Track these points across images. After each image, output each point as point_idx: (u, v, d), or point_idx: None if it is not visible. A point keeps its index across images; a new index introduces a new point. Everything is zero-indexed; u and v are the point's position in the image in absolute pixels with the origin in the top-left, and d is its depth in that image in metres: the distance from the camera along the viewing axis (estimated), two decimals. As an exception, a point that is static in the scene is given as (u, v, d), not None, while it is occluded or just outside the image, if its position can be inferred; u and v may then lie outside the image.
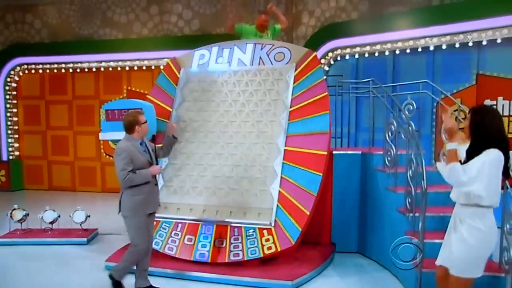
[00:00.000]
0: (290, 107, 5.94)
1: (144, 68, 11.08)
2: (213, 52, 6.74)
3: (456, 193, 3.50)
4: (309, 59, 6.17)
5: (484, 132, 3.31)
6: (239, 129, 6.11)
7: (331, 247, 6.33)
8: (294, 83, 6.08)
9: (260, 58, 6.45)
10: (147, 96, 6.85)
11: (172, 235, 5.72)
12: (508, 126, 7.69)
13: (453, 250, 3.41)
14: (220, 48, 6.76)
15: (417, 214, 4.78)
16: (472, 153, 3.32)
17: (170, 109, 6.54)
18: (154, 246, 5.71)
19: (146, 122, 4.71)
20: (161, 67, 9.82)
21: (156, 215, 5.87)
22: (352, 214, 6.44)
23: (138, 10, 11.22)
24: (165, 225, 5.84)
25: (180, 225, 5.78)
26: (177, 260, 5.53)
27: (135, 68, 11.12)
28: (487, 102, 7.87)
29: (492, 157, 3.22)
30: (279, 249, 5.30)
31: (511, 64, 7.66)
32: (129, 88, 11.34)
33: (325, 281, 5.37)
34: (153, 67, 10.98)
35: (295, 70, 6.15)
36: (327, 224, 6.47)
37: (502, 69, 7.76)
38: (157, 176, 4.84)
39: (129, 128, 4.65)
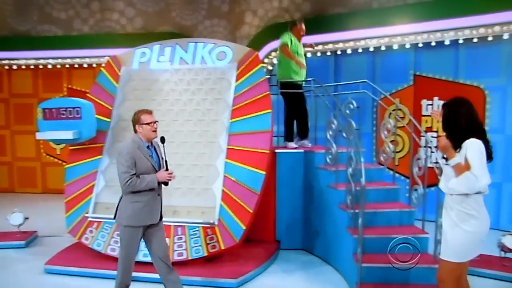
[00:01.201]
0: (232, 106, 6.00)
1: (85, 66, 10.80)
2: (154, 51, 6.70)
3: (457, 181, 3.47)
4: (251, 58, 6.25)
5: (454, 124, 3.40)
6: (181, 128, 6.11)
7: (276, 244, 6.43)
8: (236, 82, 6.14)
9: (202, 57, 6.47)
10: (87, 94, 6.72)
11: (114, 235, 5.64)
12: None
13: (447, 238, 3.44)
14: (162, 46, 6.72)
15: (357, 211, 4.92)
16: (453, 146, 3.39)
17: (111, 108, 6.44)
18: (95, 247, 5.67)
19: (152, 123, 4.17)
20: (103, 65, 9.62)
21: (98, 215, 5.82)
22: (296, 211, 6.57)
23: (79, 7, 10.92)
24: (107, 226, 5.75)
25: (122, 225, 5.71)
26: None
27: (76, 66, 10.82)
28: (424, 102, 8.25)
29: (476, 148, 3.28)
30: (223, 248, 5.35)
31: (445, 66, 8.07)
32: (69, 86, 11.03)
33: (270, 278, 5.46)
34: (94, 65, 10.72)
35: (237, 69, 6.22)
36: (271, 222, 6.57)
37: (437, 70, 8.16)
38: (162, 185, 4.27)
39: (133, 127, 4.22)
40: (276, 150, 6.54)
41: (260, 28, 9.96)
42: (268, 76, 8.35)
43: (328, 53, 9.16)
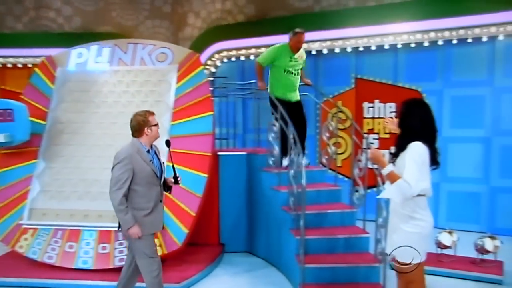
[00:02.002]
0: (173, 109, 5.98)
1: (19, 66, 10.37)
2: (91, 51, 6.56)
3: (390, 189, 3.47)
4: (192, 60, 6.26)
5: (408, 124, 3.39)
6: (121, 131, 5.95)
7: (220, 247, 6.45)
8: (176, 84, 6.13)
9: (142, 58, 6.41)
10: (20, 96, 6.47)
11: (52, 242, 5.49)
12: (384, 128, 8.38)
13: (394, 240, 3.46)
14: (100, 47, 6.59)
15: (299, 212, 5.00)
16: (399, 144, 3.43)
17: (46, 110, 6.25)
18: (31, 255, 5.50)
19: (157, 124, 4.08)
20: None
21: (33, 222, 5.66)
22: (240, 214, 6.61)
23: (11, 3, 10.49)
24: (43, 233, 5.58)
25: (60, 232, 5.56)
26: (58, 269, 5.34)
27: (9, 65, 10.37)
28: (365, 104, 8.52)
29: (415, 153, 3.28)
30: (165, 252, 5.30)
31: (385, 69, 8.38)
32: (2, 87, 10.56)
33: (214, 281, 5.48)
34: (30, 66, 10.31)
35: (178, 71, 6.20)
36: (215, 225, 6.59)
37: (377, 73, 8.46)
38: (163, 193, 4.21)
39: (137, 130, 3.97)
40: (219, 153, 6.56)
41: (203, 29, 9.97)
42: (211, 79, 8.45)
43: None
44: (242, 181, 6.59)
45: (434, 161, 3.41)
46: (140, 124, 3.96)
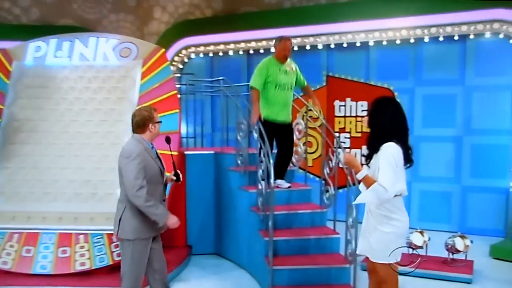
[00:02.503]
0: (137, 106, 5.90)
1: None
2: (50, 45, 6.48)
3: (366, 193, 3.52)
4: (157, 55, 6.26)
5: (378, 122, 3.44)
6: (82, 129, 5.97)
7: (187, 249, 6.46)
8: (141, 80, 6.12)
9: (104, 53, 6.37)
10: (-28, 92, 6.35)
11: (7, 247, 5.39)
12: (356, 126, 8.55)
13: (370, 241, 3.51)
14: (59, 40, 6.52)
15: (268, 213, 5.05)
16: (371, 145, 3.48)
17: (1, 107, 6.14)
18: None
19: (160, 122, 4.06)
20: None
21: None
22: (208, 215, 6.64)
23: (-40, -9, 10.26)
24: (-4, 237, 5.48)
25: (16, 235, 5.46)
26: (14, 275, 5.25)
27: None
28: (337, 103, 8.66)
29: (388, 155, 3.31)
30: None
31: (356, 67, 8.56)
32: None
33: (181, 285, 5.50)
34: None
35: (142, 67, 6.19)
36: (182, 226, 6.47)
37: (349, 71, 8.62)
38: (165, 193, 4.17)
39: (141, 126, 3.89)
40: (186, 152, 6.57)
41: (170, 24, 9.95)
42: (178, 75, 8.45)
43: (241, 52, 9.36)
44: (209, 181, 6.62)
45: (408, 160, 3.47)
46: (145, 120, 3.90)
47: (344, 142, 8.48)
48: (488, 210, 7.64)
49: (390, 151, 3.32)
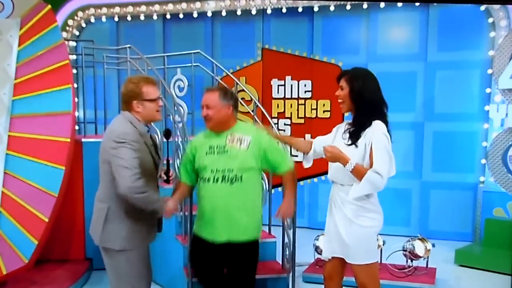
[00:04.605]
0: (15, 79, 5.72)
1: None
2: None
3: (339, 173, 3.66)
4: (41, 13, 6.00)
5: (369, 99, 3.57)
6: None
7: (86, 263, 6.27)
8: (19, 45, 5.86)
9: (-34, 8, 6.06)
10: None
11: None
12: (298, 111, 8.52)
13: (345, 239, 3.57)
14: None
15: (186, 213, 5.01)
16: (359, 122, 3.57)
17: None
18: None
19: (156, 100, 3.64)
20: None
21: None
22: (112, 219, 6.41)
23: None
24: None
25: None
26: None
27: None
28: (274, 82, 8.61)
29: (383, 137, 3.48)
30: (4, 272, 5.04)
31: (298, 39, 8.55)
32: None
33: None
34: None
35: (20, 28, 5.93)
36: (79, 234, 6.35)
37: (289, 43, 8.60)
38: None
39: (125, 102, 3.61)
40: (83, 139, 6.37)
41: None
42: (73, 44, 8.13)
43: (155, 17, 9.18)
44: (114, 176, 6.37)
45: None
46: (130, 95, 3.60)
47: (283, 130, 8.44)
48: (453, 210, 7.85)
49: (383, 130, 3.50)
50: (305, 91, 8.47)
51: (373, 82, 3.63)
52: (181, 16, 8.93)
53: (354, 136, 3.58)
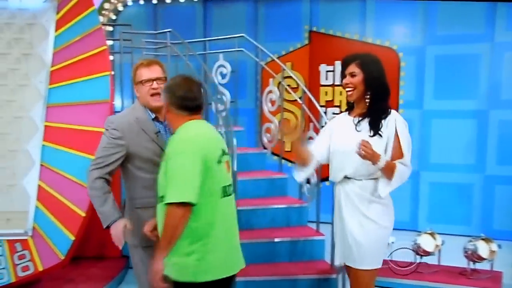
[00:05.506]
0: (51, 66, 5.76)
1: None
2: None
3: (358, 168, 3.52)
4: (79, -3, 6.09)
5: (385, 85, 3.56)
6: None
7: (123, 261, 6.39)
8: (56, 31, 5.89)
9: (1, -10, 6.16)
10: None
11: None
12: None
13: (361, 241, 3.49)
14: None
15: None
16: (377, 116, 3.49)
17: None
18: None
19: (149, 81, 3.54)
20: None
21: None
22: (150, 214, 6.52)
23: None
24: None
25: None
26: None
27: None
28: (323, 67, 8.60)
29: (405, 127, 3.49)
30: (41, 269, 5.14)
31: (349, 20, 8.54)
32: None
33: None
34: None
35: (57, 12, 5.95)
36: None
37: (339, 26, 8.58)
38: None
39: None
40: (121, 130, 6.41)
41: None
42: (110, 28, 8.25)
43: (195, -1, 9.27)
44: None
45: None
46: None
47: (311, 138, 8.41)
48: (521, 208, 7.70)
49: (403, 120, 3.49)
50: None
51: (383, 67, 3.60)
52: (223, -3, 9.01)
53: (376, 126, 3.48)
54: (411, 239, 5.96)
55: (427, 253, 5.88)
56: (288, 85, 6.51)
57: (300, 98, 6.39)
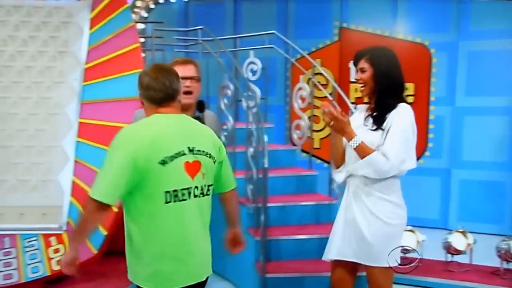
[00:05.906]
0: (86, 63, 5.86)
1: None
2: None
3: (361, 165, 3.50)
4: (112, -5, 6.16)
5: (394, 80, 3.48)
6: (7, 93, 5.85)
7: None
8: (90, 28, 6.00)
9: (37, -12, 6.26)
10: None
11: None
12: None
13: (367, 237, 3.46)
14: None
15: (260, 205, 5.07)
16: (382, 110, 3.45)
17: None
18: None
19: (188, 78, 3.71)
20: None
21: None
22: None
23: None
24: None
25: None
26: None
27: None
28: (353, 64, 8.56)
29: (407, 120, 3.38)
30: (75, 262, 5.24)
31: (380, 17, 8.50)
32: None
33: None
34: None
35: (92, 10, 6.06)
36: None
37: (370, 22, 8.55)
38: None
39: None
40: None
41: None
42: (142, 26, 8.33)
43: (227, -4, 9.31)
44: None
45: None
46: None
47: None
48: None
49: (409, 114, 3.41)
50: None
51: (396, 61, 3.53)
52: (255, -5, 9.03)
53: (379, 120, 3.46)
54: (442, 237, 5.94)
55: (459, 252, 5.86)
56: (318, 82, 6.52)
57: (330, 94, 6.42)
